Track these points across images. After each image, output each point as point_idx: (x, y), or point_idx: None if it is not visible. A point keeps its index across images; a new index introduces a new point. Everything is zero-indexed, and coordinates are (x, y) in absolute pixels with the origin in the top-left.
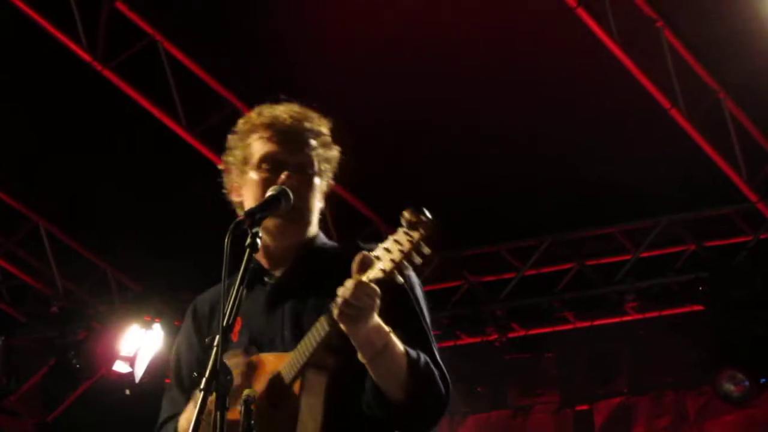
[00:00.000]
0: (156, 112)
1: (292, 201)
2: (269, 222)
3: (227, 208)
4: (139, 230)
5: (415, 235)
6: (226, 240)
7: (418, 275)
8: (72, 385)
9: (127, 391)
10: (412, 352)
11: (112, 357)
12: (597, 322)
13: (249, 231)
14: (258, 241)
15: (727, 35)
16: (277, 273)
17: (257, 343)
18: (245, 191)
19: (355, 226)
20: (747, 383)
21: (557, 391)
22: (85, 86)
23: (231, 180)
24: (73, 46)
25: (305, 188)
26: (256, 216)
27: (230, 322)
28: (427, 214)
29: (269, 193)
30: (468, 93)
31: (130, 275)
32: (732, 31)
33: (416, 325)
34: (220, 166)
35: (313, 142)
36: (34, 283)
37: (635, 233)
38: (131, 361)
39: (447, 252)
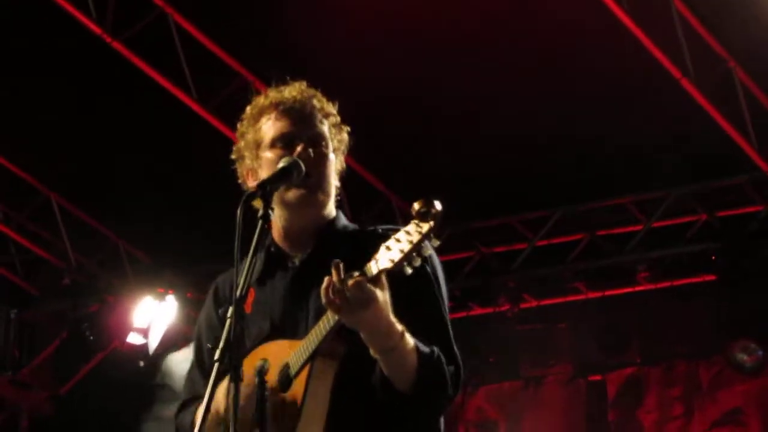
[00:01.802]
0: (167, 84)
1: (304, 171)
2: (288, 194)
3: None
4: (151, 203)
5: (425, 226)
6: (238, 212)
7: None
8: (85, 358)
9: (141, 363)
10: (425, 350)
11: (126, 329)
12: (609, 293)
13: (261, 202)
14: (270, 212)
15: (738, 4)
16: (299, 257)
17: (280, 330)
18: (261, 172)
19: (367, 200)
20: (760, 353)
21: (569, 362)
22: (96, 59)
23: (245, 166)
24: (83, 19)
25: (321, 159)
26: (267, 187)
27: (243, 293)
28: (437, 205)
29: (280, 164)
30: (478, 65)
31: (142, 248)
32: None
33: (436, 314)
34: (232, 156)
35: (324, 120)
36: (46, 256)
37: (647, 203)
38: (145, 333)
39: (459, 223)
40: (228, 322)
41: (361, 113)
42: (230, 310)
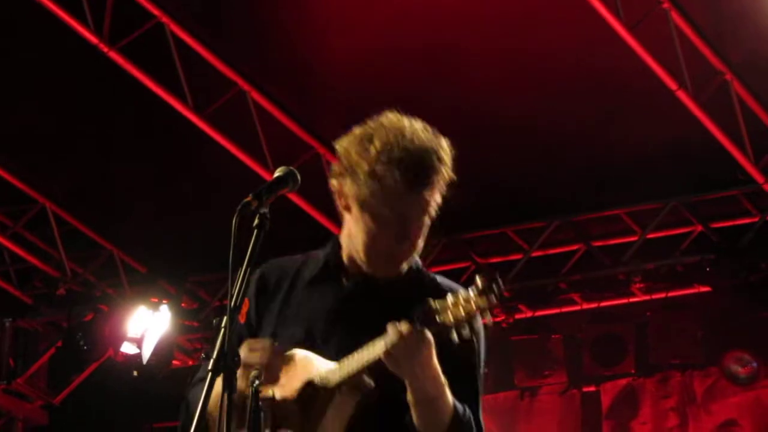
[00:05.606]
0: (163, 93)
1: (299, 182)
2: (380, 245)
3: (235, 188)
4: (146, 212)
5: (483, 301)
6: (233, 221)
7: (426, 256)
8: (79, 367)
9: (135, 373)
10: (460, 407)
11: (120, 338)
12: (604, 304)
13: (257, 212)
14: (266, 222)
15: (734, 16)
16: (357, 277)
17: (312, 339)
18: (354, 224)
19: None
20: (754, 364)
21: (564, 373)
22: (92, 68)
23: (343, 184)
24: (79, 28)
25: (419, 238)
26: (263, 197)
27: (238, 303)
28: (501, 284)
29: (276, 174)
30: (473, 76)
31: (137, 257)
32: (739, 12)
33: (472, 380)
34: (334, 168)
35: (439, 183)
36: (41, 265)
37: (642, 214)
38: (138, 343)
39: (454, 233)
40: (222, 331)
41: (355, 121)
42: (224, 319)
